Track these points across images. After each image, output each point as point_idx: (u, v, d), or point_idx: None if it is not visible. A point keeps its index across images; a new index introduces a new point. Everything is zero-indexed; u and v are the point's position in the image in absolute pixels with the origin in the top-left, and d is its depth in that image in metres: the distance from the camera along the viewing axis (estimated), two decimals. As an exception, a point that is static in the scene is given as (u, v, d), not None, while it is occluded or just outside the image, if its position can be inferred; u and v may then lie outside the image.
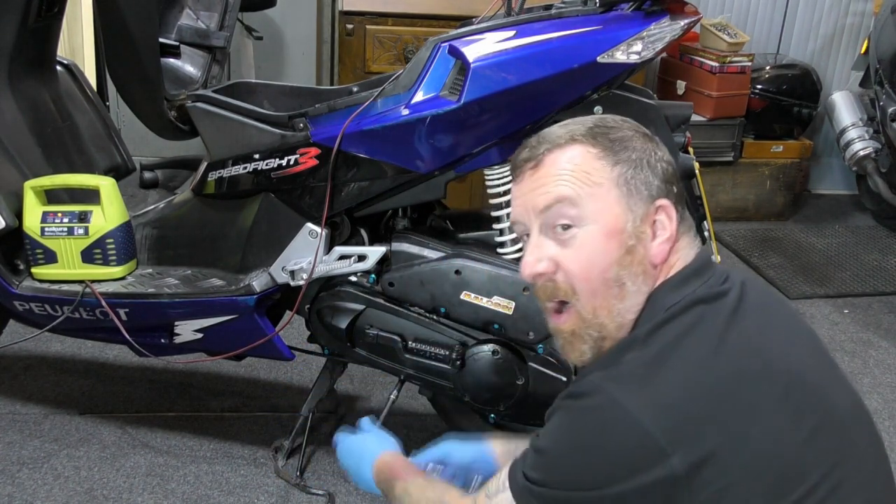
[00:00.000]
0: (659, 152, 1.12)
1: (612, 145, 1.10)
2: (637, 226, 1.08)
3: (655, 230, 1.09)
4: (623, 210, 1.08)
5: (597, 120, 1.15)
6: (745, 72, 3.75)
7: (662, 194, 1.10)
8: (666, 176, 1.11)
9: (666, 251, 1.09)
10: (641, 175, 1.09)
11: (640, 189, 1.09)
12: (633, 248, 1.08)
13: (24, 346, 2.50)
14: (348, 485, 2.06)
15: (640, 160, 1.10)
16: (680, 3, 1.66)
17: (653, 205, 1.09)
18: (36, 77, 2.18)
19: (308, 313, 1.92)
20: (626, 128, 1.13)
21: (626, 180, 1.08)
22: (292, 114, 1.80)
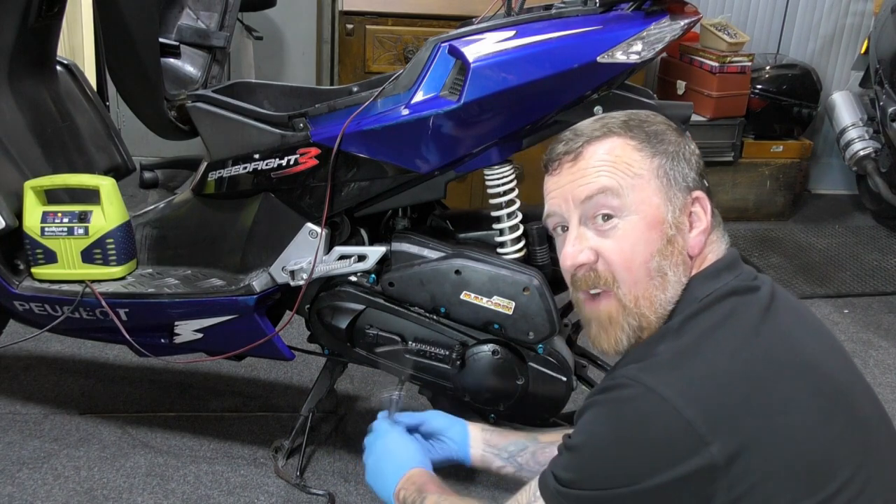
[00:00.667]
0: (691, 146, 1.16)
1: (649, 137, 1.12)
2: (676, 216, 1.11)
3: (692, 221, 1.12)
4: (663, 200, 1.11)
5: (630, 114, 1.17)
6: (745, 72, 3.75)
7: (698, 186, 1.13)
8: (699, 168, 1.15)
9: (702, 242, 1.12)
10: (678, 167, 1.12)
11: (678, 180, 1.12)
12: (673, 238, 1.10)
13: (24, 346, 2.50)
14: (348, 485, 2.06)
15: (676, 153, 1.13)
16: (680, 3, 1.66)
17: (690, 196, 1.12)
18: (36, 77, 2.18)
19: (308, 313, 1.92)
20: (659, 121, 1.16)
21: (665, 171, 1.11)
22: (292, 114, 1.80)
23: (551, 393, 1.81)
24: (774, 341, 1.03)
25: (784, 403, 0.98)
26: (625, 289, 1.10)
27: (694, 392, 0.97)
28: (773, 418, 0.97)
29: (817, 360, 1.05)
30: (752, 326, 1.03)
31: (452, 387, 1.83)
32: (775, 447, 0.96)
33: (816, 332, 1.13)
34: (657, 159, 1.12)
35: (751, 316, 1.04)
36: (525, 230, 1.80)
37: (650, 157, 1.12)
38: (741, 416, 0.96)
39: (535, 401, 1.81)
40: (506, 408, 1.81)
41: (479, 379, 1.79)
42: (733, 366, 0.99)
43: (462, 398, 1.85)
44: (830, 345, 1.13)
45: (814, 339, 1.10)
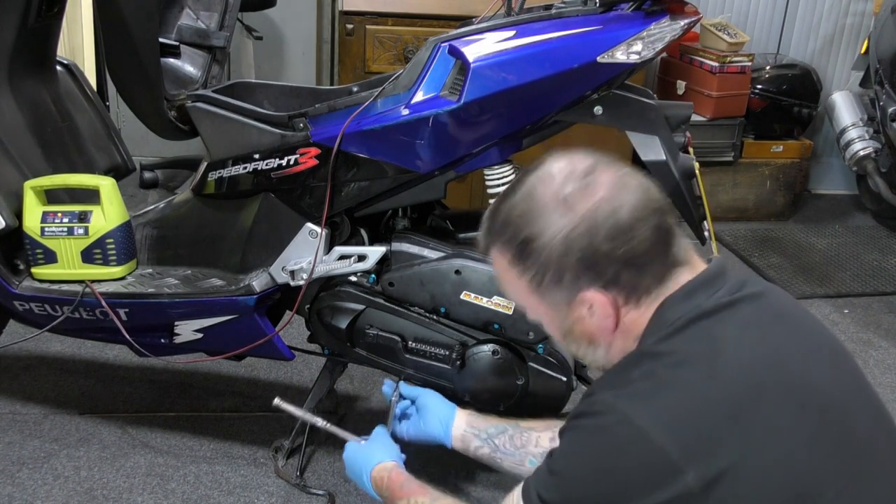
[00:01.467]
0: (580, 227, 1.03)
1: (522, 251, 1.07)
2: (566, 316, 1.10)
3: (592, 313, 1.08)
4: (546, 308, 1.11)
5: (510, 209, 1.08)
6: (745, 72, 3.75)
7: (586, 284, 1.05)
8: (595, 255, 1.03)
9: (610, 325, 1.08)
10: (551, 276, 1.06)
11: (553, 291, 1.07)
12: (571, 330, 1.11)
13: (24, 346, 2.50)
14: (348, 485, 2.06)
15: (548, 262, 1.05)
16: (680, 3, 1.66)
17: (575, 300, 1.07)
18: (36, 77, 2.18)
19: (308, 313, 1.92)
20: (540, 212, 1.05)
21: (536, 286, 1.08)
22: (292, 114, 1.80)
23: (551, 393, 1.81)
24: (756, 360, 1.00)
25: (766, 427, 0.97)
26: None
27: (669, 419, 0.96)
28: (753, 443, 0.96)
29: (804, 375, 1.02)
30: (727, 348, 1.01)
31: (452, 387, 1.83)
32: (756, 473, 0.95)
33: (809, 341, 1.09)
34: (526, 276, 1.08)
35: (729, 336, 1.02)
36: (525, 230, 1.80)
37: (520, 274, 1.08)
38: (718, 442, 0.95)
39: (535, 401, 1.81)
40: (506, 408, 1.81)
41: (479, 379, 1.79)
42: (711, 391, 0.98)
43: (462, 398, 1.85)
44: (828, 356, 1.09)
45: (804, 350, 1.06)
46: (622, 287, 1.06)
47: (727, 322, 1.03)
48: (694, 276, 1.09)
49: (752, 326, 1.04)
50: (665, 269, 1.07)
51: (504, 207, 1.10)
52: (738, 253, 3.62)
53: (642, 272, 1.05)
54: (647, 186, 1.07)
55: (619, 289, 1.06)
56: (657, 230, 1.05)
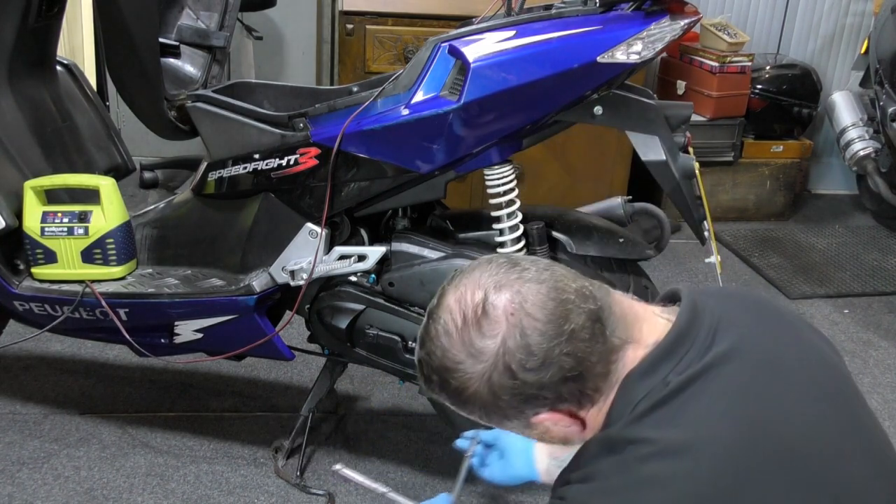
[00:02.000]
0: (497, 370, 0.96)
1: (458, 399, 1.02)
2: (531, 434, 1.04)
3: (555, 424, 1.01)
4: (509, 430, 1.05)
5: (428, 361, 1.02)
6: (745, 72, 3.75)
7: (532, 411, 0.99)
8: (525, 389, 0.96)
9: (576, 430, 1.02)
10: (496, 416, 1.01)
11: (505, 423, 1.02)
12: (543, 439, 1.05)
13: (24, 346, 2.50)
14: (348, 485, 2.06)
15: (485, 406, 1.00)
16: (680, 3, 1.66)
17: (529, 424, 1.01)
18: (36, 77, 2.18)
19: (308, 313, 1.92)
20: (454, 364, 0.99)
21: (489, 419, 1.03)
22: (292, 114, 1.80)
23: (551, 393, 1.81)
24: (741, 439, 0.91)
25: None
26: None
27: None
28: None
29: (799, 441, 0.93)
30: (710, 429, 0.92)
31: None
32: None
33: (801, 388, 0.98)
34: (474, 416, 1.03)
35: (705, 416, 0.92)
36: (525, 230, 1.80)
37: (469, 414, 1.04)
38: None
39: (535, 401, 1.81)
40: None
41: (479, 379, 1.79)
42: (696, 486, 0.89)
43: (462, 398, 1.85)
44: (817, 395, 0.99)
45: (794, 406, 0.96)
46: (570, 401, 0.98)
47: (700, 397, 0.94)
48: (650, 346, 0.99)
49: (729, 395, 0.94)
50: (607, 363, 0.97)
51: (423, 361, 1.03)
52: (738, 253, 3.62)
53: (583, 380, 0.97)
54: (553, 288, 0.97)
55: (567, 403, 0.98)
56: (580, 333, 0.95)
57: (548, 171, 3.37)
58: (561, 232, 1.83)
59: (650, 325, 1.01)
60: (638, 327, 1.00)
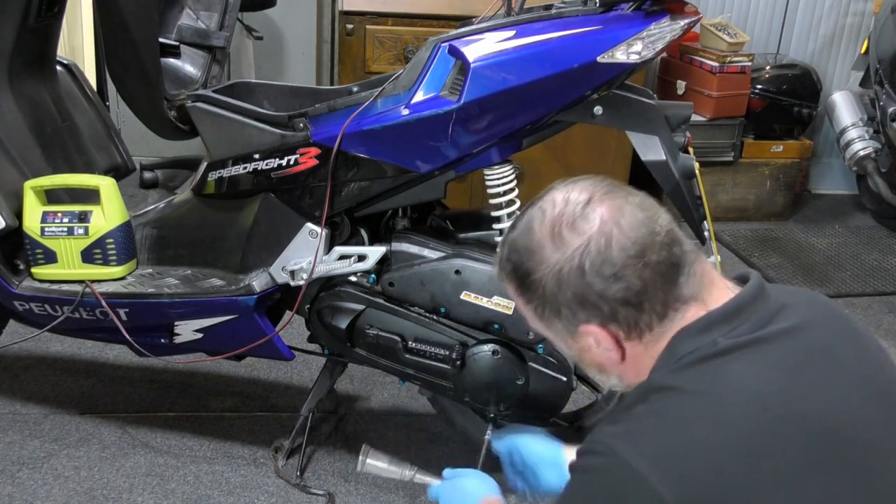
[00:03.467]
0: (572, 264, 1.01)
1: (522, 283, 1.06)
2: (572, 346, 1.09)
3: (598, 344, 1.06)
4: (554, 335, 1.09)
5: (512, 242, 1.08)
6: (745, 72, 3.75)
7: (584, 319, 1.03)
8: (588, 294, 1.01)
9: (616, 358, 1.06)
10: (550, 309, 1.05)
11: (555, 322, 1.06)
12: (581, 358, 1.10)
13: (24, 346, 2.50)
14: (348, 485, 2.06)
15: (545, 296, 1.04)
16: (680, 3, 1.66)
17: (576, 332, 1.05)
18: (36, 77, 2.18)
19: (308, 313, 1.92)
20: (536, 246, 1.04)
21: (540, 315, 1.07)
22: (292, 114, 1.80)
23: (551, 393, 1.81)
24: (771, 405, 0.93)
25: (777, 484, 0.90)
26: None
27: (670, 466, 0.91)
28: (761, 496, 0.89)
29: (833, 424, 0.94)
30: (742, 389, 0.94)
31: (452, 387, 1.83)
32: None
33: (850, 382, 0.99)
34: (531, 306, 1.07)
35: (742, 377, 0.95)
36: (525, 230, 1.80)
37: (525, 303, 1.08)
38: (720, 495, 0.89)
39: (535, 401, 1.81)
40: (506, 408, 1.81)
41: (479, 379, 1.79)
42: (718, 438, 0.91)
43: (462, 398, 1.85)
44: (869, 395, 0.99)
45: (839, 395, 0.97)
46: (621, 324, 1.02)
47: (744, 361, 0.96)
48: (710, 309, 1.02)
49: (776, 367, 0.96)
50: (667, 307, 1.01)
51: (507, 240, 1.09)
52: (738, 253, 3.62)
53: (640, 310, 1.01)
54: (650, 218, 1.02)
55: (618, 325, 1.02)
56: (657, 266, 1.00)
57: (548, 171, 3.37)
58: (561, 232, 1.82)
59: (718, 293, 1.04)
60: (708, 291, 1.04)
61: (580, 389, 2.02)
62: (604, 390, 2.01)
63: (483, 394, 1.81)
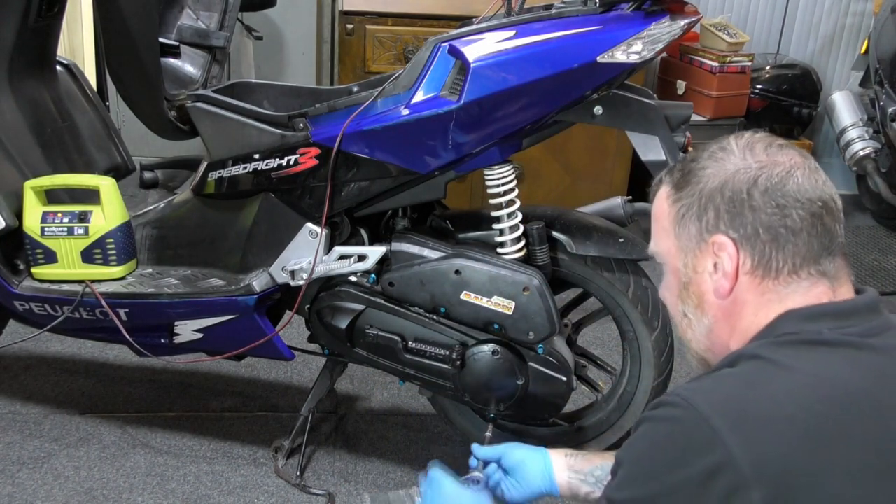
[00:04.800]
0: (748, 173, 1.03)
1: (682, 180, 1.08)
2: (691, 261, 1.08)
3: (718, 266, 1.05)
4: (677, 249, 1.10)
5: (697, 151, 1.10)
6: (745, 72, 3.75)
7: (724, 228, 1.04)
8: (744, 203, 1.02)
9: (725, 287, 1.05)
10: (698, 210, 1.06)
11: (691, 226, 1.07)
12: (688, 283, 1.10)
13: (24, 346, 2.50)
14: (348, 485, 2.06)
15: (701, 193, 1.05)
16: (680, 3, 1.66)
17: (707, 241, 1.06)
18: (36, 77, 2.18)
19: (308, 313, 1.92)
20: (723, 153, 1.06)
21: (680, 218, 1.08)
22: (292, 114, 1.81)
23: (551, 393, 1.81)
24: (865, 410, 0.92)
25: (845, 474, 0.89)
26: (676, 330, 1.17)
27: (747, 430, 0.90)
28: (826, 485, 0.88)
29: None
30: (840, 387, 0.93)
31: (452, 387, 1.83)
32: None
33: None
34: (676, 206, 1.08)
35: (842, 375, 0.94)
36: (525, 230, 1.80)
37: (672, 203, 1.09)
38: (792, 470, 0.88)
39: (535, 401, 1.81)
40: (506, 408, 1.81)
41: (479, 379, 1.79)
42: (799, 415, 0.90)
43: (462, 398, 1.85)
44: None
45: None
46: (754, 250, 1.02)
47: (842, 356, 0.96)
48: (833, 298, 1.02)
49: (869, 371, 0.95)
50: (805, 264, 1.02)
51: (692, 154, 1.11)
52: (738, 253, 3.62)
53: (780, 248, 1.02)
54: (833, 192, 1.05)
55: (751, 250, 1.03)
56: (817, 223, 1.01)
57: (548, 171, 3.37)
58: (561, 232, 1.83)
59: (844, 289, 1.04)
60: (839, 281, 1.04)
61: (580, 389, 2.02)
62: (604, 390, 2.01)
63: (483, 394, 1.81)
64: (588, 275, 1.84)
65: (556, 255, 1.82)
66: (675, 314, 1.15)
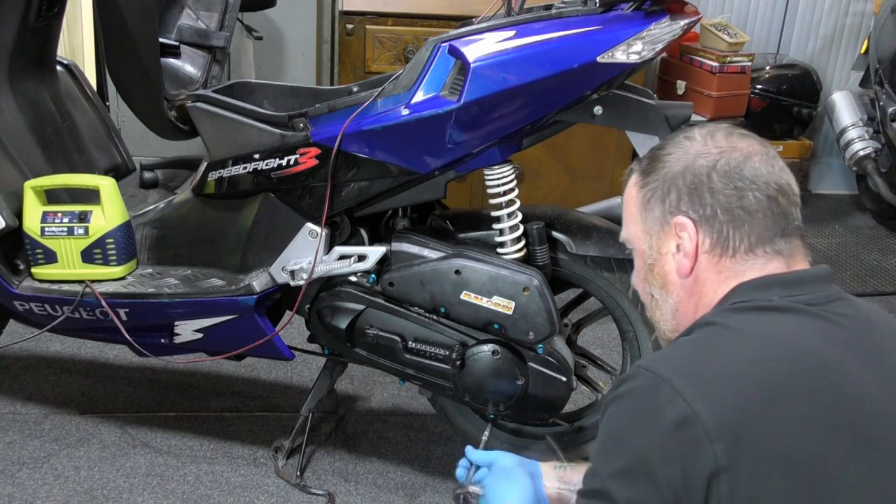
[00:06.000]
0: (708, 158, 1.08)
1: (649, 166, 1.14)
2: (653, 246, 1.15)
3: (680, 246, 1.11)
4: (643, 233, 1.16)
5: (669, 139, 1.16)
6: (745, 72, 3.75)
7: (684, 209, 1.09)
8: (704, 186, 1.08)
9: (686, 266, 1.11)
10: (660, 194, 1.12)
11: (655, 209, 1.13)
12: (654, 264, 1.15)
13: (24, 346, 2.50)
14: (348, 485, 2.06)
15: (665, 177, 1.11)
16: (680, 3, 1.66)
17: (669, 223, 1.11)
18: (36, 77, 2.18)
19: (308, 313, 1.92)
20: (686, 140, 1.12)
21: (646, 202, 1.14)
22: (292, 114, 1.80)
23: (551, 393, 1.81)
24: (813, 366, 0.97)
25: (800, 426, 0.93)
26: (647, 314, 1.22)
27: (705, 387, 0.95)
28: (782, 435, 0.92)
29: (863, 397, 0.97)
30: (789, 344, 0.98)
31: (452, 387, 1.83)
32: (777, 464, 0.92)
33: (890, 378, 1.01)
34: (643, 191, 1.14)
35: (791, 335, 0.99)
36: (525, 230, 1.80)
37: (640, 189, 1.15)
38: (749, 423, 0.93)
39: (535, 401, 1.81)
40: (506, 408, 1.81)
41: (479, 379, 1.79)
42: (752, 371, 0.95)
43: (462, 398, 1.85)
44: None
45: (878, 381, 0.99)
46: (712, 230, 1.08)
47: (791, 319, 1.02)
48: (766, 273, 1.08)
49: (817, 333, 1.01)
50: (760, 243, 1.07)
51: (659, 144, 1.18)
52: (738, 253, 3.62)
53: (737, 228, 1.07)
54: (791, 179, 1.10)
55: (709, 230, 1.08)
56: (772, 205, 1.07)
57: (548, 171, 3.37)
58: (561, 232, 1.83)
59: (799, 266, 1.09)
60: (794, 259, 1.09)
61: (580, 389, 2.02)
62: (604, 390, 2.01)
63: (483, 394, 1.81)
64: (588, 275, 1.84)
65: (556, 255, 1.82)
66: (644, 297, 1.20)
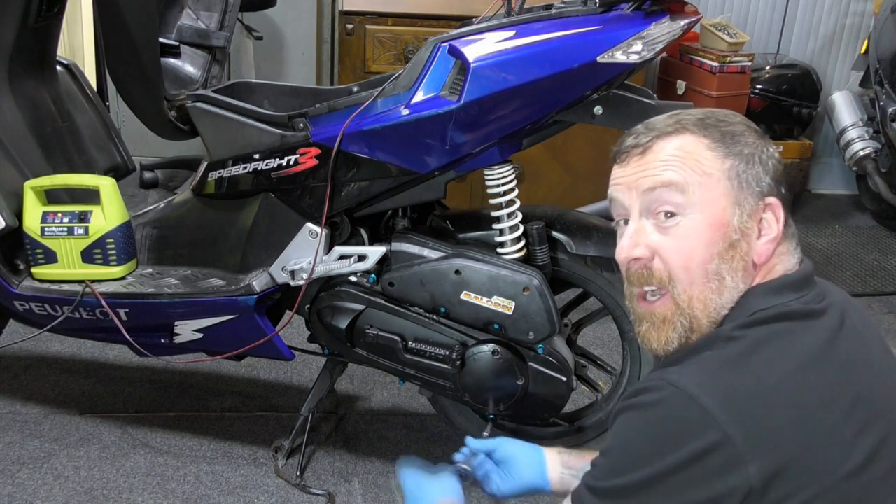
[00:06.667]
0: (770, 149, 1.09)
1: (724, 137, 1.07)
2: (743, 221, 1.05)
3: (762, 228, 1.06)
4: (731, 203, 1.05)
5: (707, 112, 1.11)
6: (745, 72, 3.75)
7: (772, 192, 1.07)
8: (776, 174, 1.08)
9: (770, 251, 1.06)
10: (752, 169, 1.06)
11: (751, 184, 1.06)
12: (737, 242, 1.05)
13: (24, 346, 2.50)
14: (348, 485, 2.06)
15: (752, 155, 1.07)
16: (680, 3, 1.66)
17: (762, 201, 1.06)
18: (36, 77, 2.18)
19: (308, 313, 1.92)
20: (737, 122, 1.09)
21: (737, 173, 1.05)
22: (292, 114, 1.81)
23: (551, 393, 1.81)
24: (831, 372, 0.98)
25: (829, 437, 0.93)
26: (679, 288, 1.05)
27: (736, 405, 0.92)
28: (814, 449, 0.92)
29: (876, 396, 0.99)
30: (809, 353, 0.98)
31: (452, 387, 1.83)
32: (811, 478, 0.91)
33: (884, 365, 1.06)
34: (730, 160, 1.05)
35: (808, 342, 0.99)
36: (525, 230, 1.80)
37: (722, 156, 1.05)
38: (783, 440, 0.91)
39: (535, 401, 1.81)
40: (506, 408, 1.81)
41: (479, 379, 1.79)
42: (782, 387, 0.94)
43: (462, 398, 1.85)
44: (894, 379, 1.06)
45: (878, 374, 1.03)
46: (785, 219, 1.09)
47: (810, 330, 1.01)
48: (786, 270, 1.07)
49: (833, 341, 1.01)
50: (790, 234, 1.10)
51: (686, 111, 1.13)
52: (738, 253, 3.62)
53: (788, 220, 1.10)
54: None
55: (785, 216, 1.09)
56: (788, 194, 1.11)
57: (548, 171, 3.37)
58: (561, 232, 1.83)
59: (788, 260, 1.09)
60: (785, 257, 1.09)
61: (580, 389, 2.02)
62: (604, 390, 2.01)
63: (483, 394, 1.81)
64: (588, 275, 1.84)
65: (556, 255, 1.83)
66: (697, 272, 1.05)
